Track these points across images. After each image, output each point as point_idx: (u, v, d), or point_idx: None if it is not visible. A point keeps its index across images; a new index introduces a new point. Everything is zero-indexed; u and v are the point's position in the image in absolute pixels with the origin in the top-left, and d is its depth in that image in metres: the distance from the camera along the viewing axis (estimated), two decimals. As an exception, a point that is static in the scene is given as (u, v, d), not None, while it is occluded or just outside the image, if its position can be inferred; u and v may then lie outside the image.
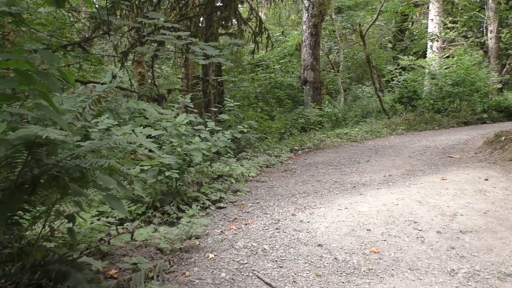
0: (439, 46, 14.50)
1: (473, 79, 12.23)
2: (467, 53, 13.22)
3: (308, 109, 10.99)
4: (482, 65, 14.01)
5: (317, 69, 11.64)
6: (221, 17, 7.16)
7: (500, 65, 15.46)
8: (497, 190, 3.80)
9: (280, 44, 13.69)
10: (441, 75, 12.81)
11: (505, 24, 16.37)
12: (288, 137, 9.16)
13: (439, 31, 14.21)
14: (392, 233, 2.79)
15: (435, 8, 14.27)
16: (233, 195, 4.39)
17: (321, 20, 11.41)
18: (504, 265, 2.24)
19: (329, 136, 9.21)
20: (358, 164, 6.03)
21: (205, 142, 4.46)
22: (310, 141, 8.54)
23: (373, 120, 11.78)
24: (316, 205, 3.69)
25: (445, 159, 6.00)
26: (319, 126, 10.51)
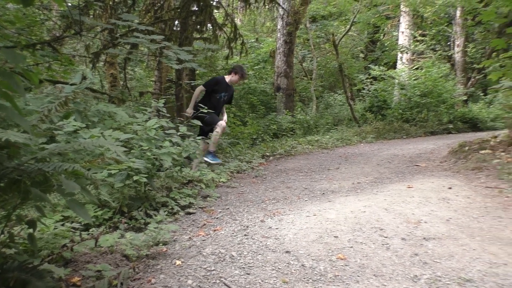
0: (409, 58, 14.95)
1: (440, 91, 12.66)
2: (435, 66, 13.67)
3: (280, 115, 11.07)
4: (449, 78, 14.52)
5: (290, 76, 11.76)
6: (196, 21, 7.14)
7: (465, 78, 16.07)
8: (459, 198, 3.93)
9: (255, 51, 13.76)
10: (410, 86, 13.20)
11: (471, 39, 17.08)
12: (260, 143, 9.20)
13: (409, 43, 14.65)
14: (358, 240, 2.84)
15: (406, 21, 14.71)
16: (203, 201, 4.36)
17: (295, 29, 11.55)
18: (464, 271, 2.31)
19: (300, 143, 9.31)
20: (328, 171, 6.11)
21: (176, 147, 4.41)
22: (282, 148, 8.60)
23: (344, 128, 11.99)
24: (286, 212, 3.72)
25: (412, 167, 6.17)
26: (291, 132, 10.60)
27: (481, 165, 5.35)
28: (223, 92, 5.98)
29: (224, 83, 6.00)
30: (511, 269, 2.32)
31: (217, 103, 5.97)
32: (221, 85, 5.97)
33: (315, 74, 14.66)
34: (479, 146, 6.33)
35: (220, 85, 5.97)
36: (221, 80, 6.03)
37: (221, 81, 6.01)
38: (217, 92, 5.93)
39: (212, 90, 5.95)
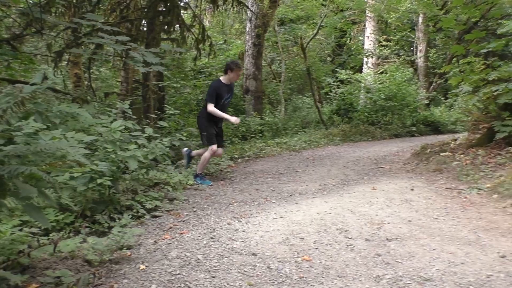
0: (374, 62, 15.33)
1: (403, 95, 13.04)
2: (399, 70, 14.08)
3: (249, 117, 11.09)
4: (412, 82, 14.98)
5: (259, 78, 11.80)
6: (163, 22, 7.05)
7: (428, 83, 16.64)
8: (421, 199, 4.05)
9: (224, 52, 13.72)
10: (375, 89, 13.53)
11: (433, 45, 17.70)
12: (229, 145, 9.17)
13: (374, 48, 15.02)
14: (324, 241, 2.88)
15: (371, 27, 15.09)
16: (170, 204, 4.30)
17: (264, 31, 11.61)
18: (424, 271, 2.38)
19: (269, 145, 9.35)
20: (296, 173, 6.17)
21: (142, 149, 4.33)
22: (250, 150, 8.60)
23: (312, 130, 12.14)
24: (253, 214, 3.72)
25: (377, 169, 6.32)
26: (259, 135, 10.63)
27: (441, 167, 5.55)
28: (225, 96, 5.55)
29: (223, 86, 5.51)
30: (468, 268, 2.41)
31: (221, 110, 5.54)
32: (221, 90, 5.48)
33: (284, 76, 14.78)
34: (440, 148, 6.56)
35: (221, 90, 5.47)
36: (218, 84, 5.51)
37: (219, 86, 5.49)
38: (221, 98, 5.48)
39: (216, 99, 5.47)
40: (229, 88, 5.58)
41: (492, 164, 5.02)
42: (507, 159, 4.99)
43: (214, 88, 5.44)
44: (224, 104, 5.58)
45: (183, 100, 9.44)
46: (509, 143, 5.38)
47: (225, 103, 5.60)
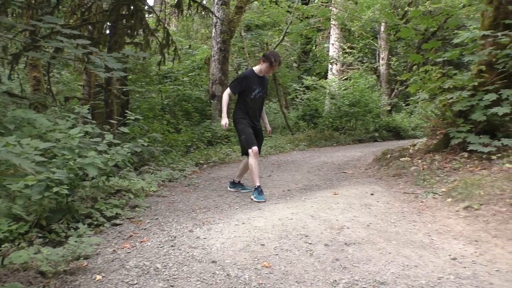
0: (339, 68, 15.67)
1: (367, 101, 13.39)
2: (362, 77, 14.46)
3: (215, 123, 11.05)
4: (375, 89, 15.41)
5: (225, 84, 11.77)
6: (126, 25, 6.93)
7: (389, 89, 17.18)
8: (380, 204, 4.17)
9: (190, 57, 13.64)
10: (339, 95, 13.82)
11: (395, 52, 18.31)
12: (194, 150, 9.11)
13: (338, 55, 15.36)
14: (284, 247, 2.91)
15: (335, 34, 15.43)
16: (131, 211, 4.22)
17: (230, 37, 11.63)
18: (379, 274, 2.45)
19: (235, 151, 9.34)
20: (260, 179, 6.14)
21: (102, 156, 4.24)
22: (216, 155, 8.58)
23: (278, 136, 12.24)
24: (215, 221, 3.71)
25: (340, 174, 6.44)
26: (226, 140, 10.62)
27: (400, 172, 5.72)
28: (257, 89, 4.81)
29: (254, 77, 4.80)
30: (421, 270, 2.49)
31: (253, 104, 4.86)
32: (251, 80, 4.78)
33: (250, 82, 14.83)
34: (400, 154, 6.76)
35: (250, 80, 4.78)
36: (250, 74, 4.83)
37: (250, 75, 4.82)
38: (250, 91, 4.78)
39: (243, 91, 4.80)
40: (261, 80, 4.86)
41: (447, 169, 5.22)
42: (461, 164, 5.21)
43: (242, 75, 4.92)
44: (255, 99, 4.85)
45: (148, 105, 9.28)
46: (463, 149, 5.61)
47: (256, 98, 4.86)
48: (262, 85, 4.89)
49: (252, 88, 4.78)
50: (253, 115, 4.93)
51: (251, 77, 4.80)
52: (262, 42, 14.88)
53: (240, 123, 4.83)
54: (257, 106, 4.93)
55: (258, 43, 15.48)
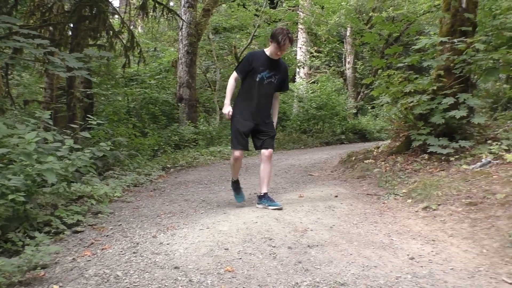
0: (306, 72, 15.88)
1: (333, 104, 13.64)
2: (329, 80, 14.73)
3: (183, 126, 10.96)
4: (342, 92, 15.71)
5: (193, 87, 11.72)
6: (89, 27, 6.78)
7: (356, 93, 17.56)
8: (343, 206, 4.24)
9: (156, 60, 13.48)
10: (307, 98, 14.01)
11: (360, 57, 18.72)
12: (161, 154, 8.99)
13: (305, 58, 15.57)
14: (248, 251, 2.91)
15: (302, 38, 15.63)
16: (93, 218, 4.11)
17: (197, 39, 11.57)
18: (340, 276, 2.49)
19: (202, 154, 9.30)
20: (227, 183, 6.17)
21: (63, 161, 4.11)
22: (184, 159, 8.50)
23: (247, 139, 12.25)
24: (180, 226, 3.67)
25: (306, 177, 6.52)
26: (193, 143, 10.54)
27: (364, 174, 5.85)
28: (264, 71, 3.96)
29: (264, 57, 3.99)
30: (380, 271, 2.55)
31: (258, 91, 3.99)
32: (259, 59, 3.99)
33: (219, 85, 14.82)
34: (364, 156, 6.92)
35: (258, 59, 3.99)
36: (260, 53, 4.06)
37: (259, 54, 4.05)
38: (256, 72, 3.95)
39: (249, 73, 3.99)
40: (273, 64, 4.02)
41: (408, 170, 5.38)
42: (421, 166, 5.38)
43: (249, 54, 4.12)
44: (261, 85, 3.99)
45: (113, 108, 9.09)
46: (424, 151, 5.80)
47: (263, 84, 3.99)
48: (274, 69, 4.01)
49: (258, 69, 3.93)
50: (257, 108, 4.03)
51: (260, 56, 4.00)
52: (230, 45, 14.88)
53: (234, 118, 4.09)
54: (263, 95, 4.01)
55: (226, 46, 15.48)
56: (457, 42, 5.47)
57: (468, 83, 5.88)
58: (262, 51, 4.07)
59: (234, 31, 15.50)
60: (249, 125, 4.09)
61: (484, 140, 5.58)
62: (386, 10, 12.97)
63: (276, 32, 3.92)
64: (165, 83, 12.72)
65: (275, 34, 3.90)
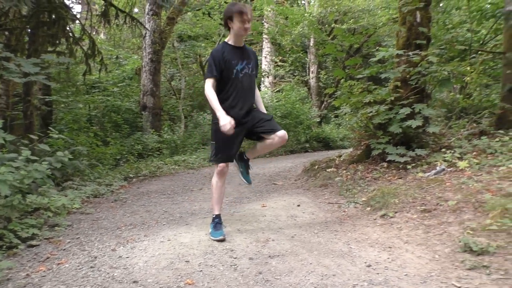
0: (271, 81, 16.04)
1: (298, 113, 13.83)
2: (294, 89, 14.92)
3: (146, 135, 10.80)
4: (306, 101, 15.96)
5: (157, 95, 11.59)
6: (48, 33, 6.59)
7: (319, 101, 17.89)
8: (305, 215, 4.31)
9: (119, 67, 13.24)
10: (272, 107, 14.12)
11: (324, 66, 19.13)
12: (124, 164, 8.81)
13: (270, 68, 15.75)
14: (209, 263, 2.90)
15: (267, 48, 15.81)
16: (50, 231, 3.97)
17: (162, 47, 11.48)
18: (299, 285, 2.53)
19: (167, 163, 9.19)
20: (191, 192, 6.14)
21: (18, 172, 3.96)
22: (147, 168, 8.37)
23: (212, 148, 12.19)
24: (140, 238, 3.61)
25: (270, 186, 6.57)
26: (157, 152, 10.40)
27: (327, 183, 5.96)
28: (238, 63, 3.41)
29: (230, 49, 3.40)
30: (338, 279, 2.61)
31: (238, 88, 3.43)
32: (226, 54, 3.37)
33: (183, 93, 14.72)
34: (327, 164, 7.05)
35: (226, 54, 3.37)
36: (223, 47, 3.42)
37: (222, 49, 3.40)
38: (230, 69, 3.38)
39: (221, 72, 3.38)
40: (243, 52, 3.46)
41: (368, 178, 5.53)
42: (381, 174, 5.54)
43: (213, 52, 3.41)
44: (239, 80, 3.43)
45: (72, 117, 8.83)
46: (383, 159, 5.98)
47: (240, 78, 3.44)
48: (246, 58, 3.47)
49: (231, 64, 3.37)
50: (242, 104, 3.47)
51: (226, 50, 3.38)
52: (196, 53, 14.85)
53: (217, 127, 3.31)
54: (245, 89, 3.47)
55: (192, 54, 15.43)
56: (412, 55, 5.71)
57: (424, 93, 6.13)
58: (222, 45, 3.47)
59: (200, 40, 15.48)
60: (237, 129, 3.34)
61: (439, 148, 5.83)
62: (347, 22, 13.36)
63: (229, 8, 3.35)
64: (128, 91, 12.50)
65: (230, 7, 3.34)
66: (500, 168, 4.30)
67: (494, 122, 6.31)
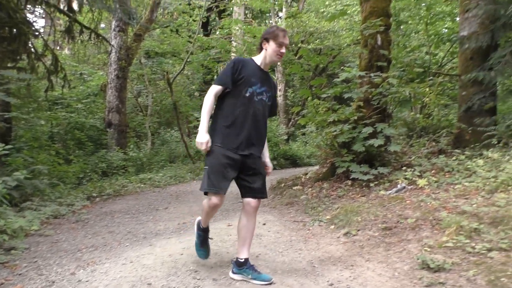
0: (239, 98, 16.13)
1: (265, 130, 13.91)
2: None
3: (111, 152, 10.58)
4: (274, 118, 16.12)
5: (123, 112, 11.42)
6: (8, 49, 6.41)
7: (287, 119, 18.13)
8: (271, 233, 4.33)
9: (84, 83, 12.98)
10: (240, 125, 14.18)
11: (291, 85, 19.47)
12: (87, 182, 8.57)
13: (238, 86, 15.85)
14: (172, 285, 2.86)
15: (235, 66, 15.93)
16: (5, 255, 3.80)
17: (128, 64, 11.38)
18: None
19: (132, 182, 9.01)
20: (156, 212, 6.03)
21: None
22: (111, 187, 8.17)
23: (179, 165, 12.08)
24: (102, 261, 3.51)
25: (237, 204, 6.54)
26: (122, 170, 10.18)
27: (293, 201, 6.02)
28: (257, 84, 2.96)
29: (254, 67, 3.01)
30: (301, 298, 2.63)
31: (248, 111, 2.92)
32: (249, 68, 2.97)
33: (150, 110, 14.57)
34: (293, 182, 7.13)
35: (248, 68, 2.97)
36: (249, 61, 3.04)
37: (248, 62, 3.02)
38: (246, 85, 2.92)
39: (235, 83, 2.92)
40: (264, 77, 3.05)
41: (333, 196, 5.64)
42: (345, 192, 5.66)
43: (236, 61, 2.99)
44: (252, 102, 2.93)
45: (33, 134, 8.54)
46: (347, 177, 6.12)
47: (254, 100, 2.94)
48: (266, 84, 3.04)
49: (249, 81, 2.93)
50: (249, 134, 2.93)
51: (250, 65, 3.00)
52: (163, 70, 14.78)
53: (214, 147, 2.90)
54: (256, 116, 2.95)
55: (159, 70, 15.35)
56: (374, 76, 5.93)
57: (385, 113, 6.36)
58: (250, 59, 3.09)
59: (167, 57, 15.44)
60: (235, 159, 2.90)
61: (400, 167, 6.02)
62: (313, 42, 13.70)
63: (269, 30, 3.04)
64: (93, 108, 12.24)
65: (270, 30, 3.01)
66: (457, 186, 4.50)
67: (452, 141, 6.61)
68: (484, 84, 6.16)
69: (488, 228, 3.19)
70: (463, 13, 6.69)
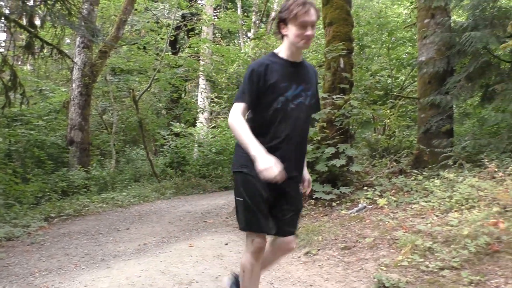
0: (207, 117, 16.14)
1: (232, 149, 13.89)
2: (229, 126, 15.08)
3: (73, 171, 10.26)
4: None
5: (86, 129, 11.15)
6: (-37, 64, 6.19)
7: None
8: (232, 254, 4.29)
9: (45, 100, 12.62)
10: (207, 143, 14.15)
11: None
12: (46, 202, 8.25)
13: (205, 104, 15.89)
14: (127, 310, 2.77)
15: (202, 84, 16.00)
16: (-51, 281, 3.59)
17: (92, 81, 11.17)
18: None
19: (93, 201, 8.74)
20: (117, 232, 5.87)
21: None
22: (71, 207, 7.89)
23: (144, 184, 11.86)
24: (54, 285, 3.38)
25: (201, 224, 6.48)
26: (84, 190, 9.88)
27: (256, 220, 6.00)
28: (287, 90, 2.24)
29: (281, 65, 2.27)
30: (259, 320, 2.61)
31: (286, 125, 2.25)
32: (274, 71, 2.23)
33: (116, 127, 14.31)
34: (258, 201, 7.12)
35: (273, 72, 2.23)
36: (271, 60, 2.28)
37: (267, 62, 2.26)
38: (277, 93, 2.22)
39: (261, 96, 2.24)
40: (299, 71, 2.32)
41: (296, 215, 5.66)
42: (308, 211, 5.71)
43: (252, 69, 2.25)
44: (289, 112, 2.25)
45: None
46: (310, 196, 6.18)
47: (289, 111, 2.25)
48: (304, 81, 2.32)
49: (278, 88, 2.23)
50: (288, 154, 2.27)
51: (275, 67, 2.24)
52: (129, 87, 14.62)
53: (245, 174, 2.29)
54: (296, 127, 2.29)
55: (125, 87, 15.16)
56: (336, 98, 6.09)
57: (348, 134, 6.51)
58: (269, 56, 2.33)
59: (134, 74, 15.30)
60: (272, 186, 2.20)
61: (362, 186, 6.15)
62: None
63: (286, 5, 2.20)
64: (54, 125, 11.88)
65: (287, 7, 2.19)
66: (414, 205, 4.63)
67: (412, 162, 6.83)
68: (441, 107, 6.45)
69: (441, 247, 3.30)
70: (421, 40, 7.02)
